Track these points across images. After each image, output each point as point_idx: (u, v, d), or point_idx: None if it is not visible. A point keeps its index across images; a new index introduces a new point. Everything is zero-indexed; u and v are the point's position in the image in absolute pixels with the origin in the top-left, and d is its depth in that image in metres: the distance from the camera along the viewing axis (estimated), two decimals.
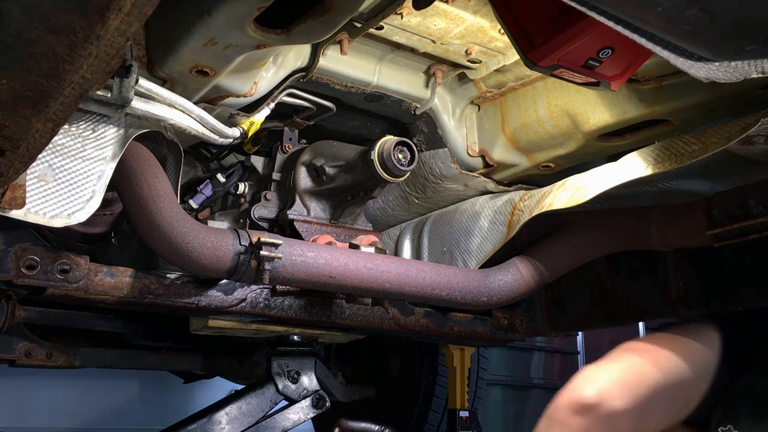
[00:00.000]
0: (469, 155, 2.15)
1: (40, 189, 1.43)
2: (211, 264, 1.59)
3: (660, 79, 1.68)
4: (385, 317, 2.13)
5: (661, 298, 2.08)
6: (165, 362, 2.73)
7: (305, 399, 2.28)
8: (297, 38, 1.38)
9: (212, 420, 2.14)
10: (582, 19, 1.12)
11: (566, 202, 1.78)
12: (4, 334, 2.16)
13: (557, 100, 1.90)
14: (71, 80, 0.86)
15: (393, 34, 1.74)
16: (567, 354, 6.32)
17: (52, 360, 2.39)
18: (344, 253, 1.76)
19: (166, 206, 1.57)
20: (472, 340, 2.52)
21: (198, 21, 1.34)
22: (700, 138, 1.53)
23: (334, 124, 2.13)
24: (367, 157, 1.83)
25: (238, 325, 2.01)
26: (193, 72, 1.53)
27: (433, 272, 1.86)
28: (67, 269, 1.62)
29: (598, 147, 1.94)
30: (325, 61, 1.80)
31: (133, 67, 1.41)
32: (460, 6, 1.62)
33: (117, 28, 0.75)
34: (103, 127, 1.55)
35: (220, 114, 1.76)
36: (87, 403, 3.99)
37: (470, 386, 3.08)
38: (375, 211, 2.46)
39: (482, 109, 2.15)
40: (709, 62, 0.96)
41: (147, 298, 1.74)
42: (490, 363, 3.54)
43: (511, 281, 1.98)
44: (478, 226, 2.13)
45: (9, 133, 0.98)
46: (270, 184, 2.12)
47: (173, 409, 3.92)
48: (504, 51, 1.80)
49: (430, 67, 1.96)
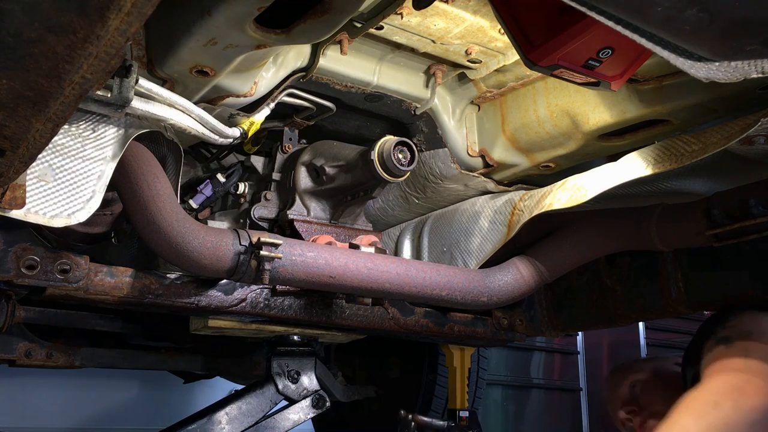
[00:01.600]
0: (469, 155, 2.15)
1: (40, 189, 1.43)
2: (211, 264, 1.59)
3: (660, 79, 1.68)
4: (385, 317, 2.13)
5: (661, 298, 2.08)
6: (165, 362, 2.73)
7: (305, 399, 2.28)
8: (297, 38, 1.38)
9: (212, 420, 2.14)
10: (582, 19, 1.12)
11: (566, 202, 1.78)
12: (4, 334, 2.15)
13: (557, 100, 1.90)
14: (71, 80, 0.86)
15: (393, 34, 1.74)
16: (567, 354, 6.32)
17: (52, 360, 2.39)
18: (344, 253, 1.76)
19: (166, 206, 1.57)
20: (472, 340, 2.52)
21: (198, 21, 1.34)
22: (700, 138, 1.53)
23: (334, 124, 2.13)
24: (367, 157, 1.83)
25: (238, 325, 2.01)
26: (193, 72, 1.53)
27: (433, 272, 1.86)
28: (67, 269, 1.62)
29: (598, 147, 1.95)
30: (325, 61, 1.80)
31: (133, 67, 1.41)
32: (460, 6, 1.62)
33: (117, 28, 0.75)
34: (103, 127, 1.55)
35: (220, 114, 1.75)
36: (87, 403, 3.99)
37: (470, 386, 3.08)
38: (375, 211, 2.46)
39: (482, 109, 2.15)
40: (709, 62, 0.96)
41: (147, 298, 1.74)
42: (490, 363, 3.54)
43: (511, 281, 1.98)
44: (478, 226, 2.13)
45: (9, 133, 0.98)
46: (270, 184, 2.12)
47: (173, 409, 3.91)
48: (504, 51, 1.80)
49: (430, 67, 1.96)
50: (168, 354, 2.71)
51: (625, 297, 2.19)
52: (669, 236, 1.85)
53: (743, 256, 1.88)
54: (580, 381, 6.34)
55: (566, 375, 6.31)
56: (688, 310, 2.04)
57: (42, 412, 3.81)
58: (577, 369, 6.36)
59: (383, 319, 2.12)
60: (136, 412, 4.14)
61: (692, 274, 2.02)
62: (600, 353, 6.47)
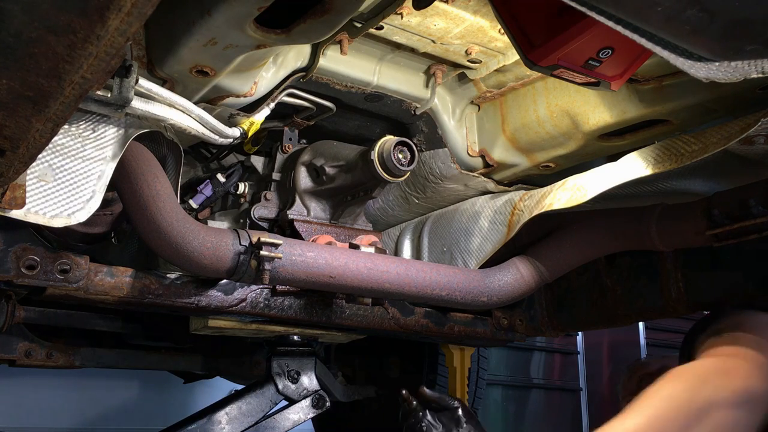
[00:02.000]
0: (469, 155, 2.15)
1: (40, 189, 1.43)
2: (211, 264, 1.59)
3: (660, 79, 1.68)
4: (385, 317, 2.13)
5: (660, 298, 2.08)
6: (165, 362, 2.73)
7: (305, 399, 2.28)
8: (297, 38, 1.38)
9: (212, 420, 2.14)
10: (582, 19, 1.12)
11: (566, 202, 1.78)
12: (4, 334, 2.15)
13: (557, 100, 1.90)
14: (71, 80, 0.86)
15: (393, 34, 1.74)
16: (567, 354, 6.33)
17: (52, 360, 2.39)
18: (344, 253, 1.76)
19: (166, 206, 1.57)
20: (472, 340, 2.52)
21: (198, 21, 1.34)
22: (700, 138, 1.53)
23: (334, 124, 2.13)
24: (367, 157, 1.83)
25: (238, 325, 2.01)
26: (193, 72, 1.53)
27: (433, 272, 1.86)
28: (67, 269, 1.62)
29: (598, 147, 1.95)
30: (325, 61, 1.80)
31: (133, 67, 1.41)
32: (460, 6, 1.62)
33: (117, 28, 0.75)
34: (103, 127, 1.55)
35: (220, 114, 1.75)
36: (87, 403, 3.99)
37: (470, 386, 3.08)
38: (375, 211, 2.46)
39: (482, 109, 2.15)
40: (709, 62, 0.96)
41: (147, 298, 1.74)
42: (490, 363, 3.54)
43: (511, 281, 1.98)
44: (478, 226, 2.13)
45: (9, 133, 0.98)
46: (270, 184, 2.12)
47: (173, 409, 3.92)
48: (504, 51, 1.80)
49: (430, 67, 1.96)
50: (168, 354, 2.71)
51: (625, 297, 2.19)
52: (669, 236, 1.85)
53: (743, 256, 1.88)
54: (580, 381, 6.34)
55: (566, 375, 6.31)
56: (687, 310, 2.04)
57: (42, 412, 3.81)
58: (577, 369, 6.36)
59: (383, 319, 2.12)
60: (136, 412, 4.14)
61: (692, 274, 2.02)
62: (600, 353, 6.48)
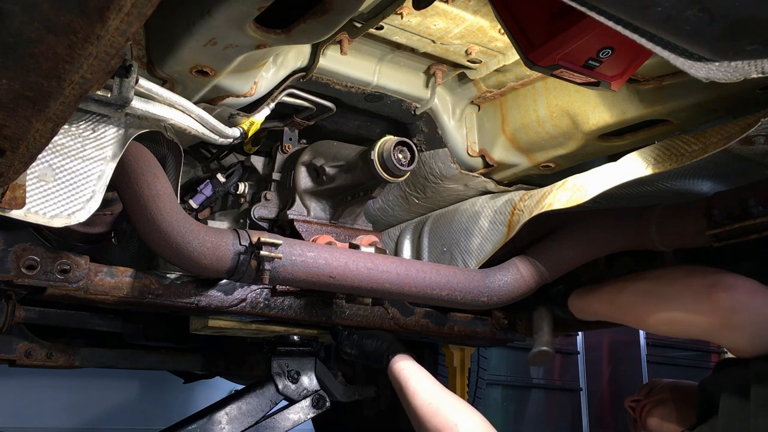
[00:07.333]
0: (469, 155, 2.15)
1: (40, 189, 1.43)
2: (211, 264, 1.59)
3: (660, 79, 1.68)
4: (385, 317, 2.13)
5: None
6: (165, 362, 2.73)
7: (305, 399, 2.27)
8: (297, 38, 1.38)
9: (212, 420, 2.14)
10: (582, 19, 1.12)
11: (566, 202, 1.78)
12: (4, 334, 2.15)
13: (557, 100, 1.90)
14: (71, 80, 0.86)
15: (393, 34, 1.74)
16: (567, 354, 6.33)
17: (52, 360, 2.39)
18: (344, 253, 1.76)
19: (166, 206, 1.57)
20: (472, 340, 2.52)
21: (198, 21, 1.34)
22: (700, 138, 1.53)
23: (334, 124, 2.13)
24: (367, 157, 1.83)
25: (238, 325, 2.01)
26: (193, 72, 1.53)
27: (433, 272, 1.85)
28: (67, 269, 1.62)
29: (598, 147, 1.95)
30: (325, 61, 1.80)
31: (133, 67, 1.41)
32: (460, 6, 1.62)
33: (117, 28, 0.75)
34: (103, 127, 1.55)
35: (220, 114, 1.75)
36: (87, 403, 3.99)
37: (470, 386, 3.08)
38: (375, 211, 2.46)
39: (482, 109, 2.15)
40: (709, 62, 0.96)
41: (147, 298, 1.74)
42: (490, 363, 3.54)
43: (511, 281, 1.98)
44: (478, 226, 2.13)
45: (9, 133, 0.98)
46: (270, 184, 2.12)
47: (173, 409, 3.91)
48: (504, 51, 1.80)
49: (430, 67, 1.96)
50: (168, 354, 2.70)
51: None
52: (669, 236, 1.85)
53: (743, 256, 1.88)
54: (580, 381, 6.35)
55: (566, 375, 6.32)
56: None
57: (42, 412, 3.81)
58: (577, 369, 6.37)
59: (383, 319, 2.12)
60: (136, 412, 4.14)
61: None
62: (600, 353, 6.48)
